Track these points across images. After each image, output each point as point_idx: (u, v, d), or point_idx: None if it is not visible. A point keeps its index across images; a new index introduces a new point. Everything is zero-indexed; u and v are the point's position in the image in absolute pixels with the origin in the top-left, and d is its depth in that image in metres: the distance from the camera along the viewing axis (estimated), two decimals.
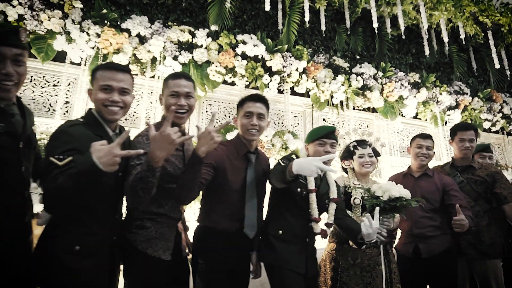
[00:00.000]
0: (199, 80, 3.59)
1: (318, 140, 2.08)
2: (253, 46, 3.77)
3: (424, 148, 2.52)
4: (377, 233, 1.91)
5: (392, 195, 1.92)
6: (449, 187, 2.41)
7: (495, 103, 5.11)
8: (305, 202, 1.96)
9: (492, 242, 2.45)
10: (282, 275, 1.84)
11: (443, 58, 5.23)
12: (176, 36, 3.53)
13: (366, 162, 2.32)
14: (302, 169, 1.60)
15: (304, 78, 3.98)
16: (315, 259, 2.07)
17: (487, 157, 2.94)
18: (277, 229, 1.95)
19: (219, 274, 1.75)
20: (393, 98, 4.39)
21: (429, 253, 2.31)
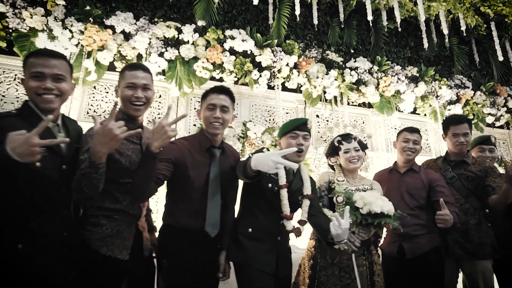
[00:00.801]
0: (185, 76, 3.52)
1: (290, 133, 1.99)
2: (241, 41, 3.69)
3: (411, 142, 2.40)
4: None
5: (372, 210, 1.79)
6: (435, 182, 2.28)
7: (499, 97, 4.91)
8: (276, 198, 1.87)
9: (481, 242, 2.30)
10: (249, 275, 1.75)
11: (444, 51, 5.05)
12: (162, 32, 3.47)
13: (353, 157, 2.21)
14: (259, 164, 1.52)
15: (295, 73, 3.87)
16: (288, 259, 1.96)
17: (487, 150, 2.69)
18: (247, 227, 1.86)
19: (182, 275, 1.67)
20: (390, 92, 4.25)
21: (414, 253, 2.19)
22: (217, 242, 1.81)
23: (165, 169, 1.65)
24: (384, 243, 2.36)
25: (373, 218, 1.78)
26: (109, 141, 1.35)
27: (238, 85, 3.81)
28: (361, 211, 1.81)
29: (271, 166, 1.50)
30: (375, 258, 2.10)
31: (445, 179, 2.43)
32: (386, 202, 1.84)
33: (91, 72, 3.21)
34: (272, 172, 1.56)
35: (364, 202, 1.81)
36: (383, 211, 1.79)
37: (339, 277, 1.98)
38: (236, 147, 3.45)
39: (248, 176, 1.61)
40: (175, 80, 3.47)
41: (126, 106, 1.71)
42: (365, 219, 1.79)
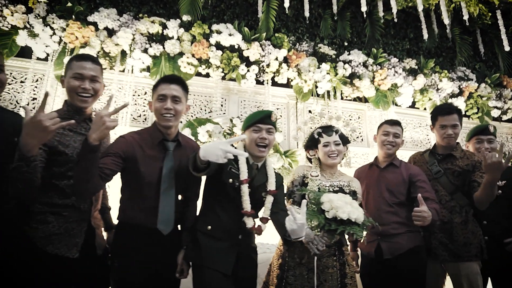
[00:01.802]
0: (170, 72, 3.45)
1: (253, 126, 1.88)
2: (228, 36, 3.60)
3: (391, 135, 2.25)
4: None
5: (338, 215, 1.64)
6: (416, 177, 2.13)
7: (506, 89, 4.66)
8: (238, 195, 1.77)
9: (467, 242, 2.12)
10: (204, 275, 1.66)
11: (446, 42, 4.83)
12: (146, 27, 3.41)
13: (332, 152, 2.07)
14: (208, 154, 1.44)
15: (285, 68, 3.75)
16: (252, 259, 1.85)
17: (485, 141, 2.39)
18: (206, 224, 1.77)
19: (134, 275, 1.58)
20: (386, 86, 4.07)
21: (392, 253, 2.04)
22: (174, 240, 1.72)
23: (112, 164, 1.58)
24: (362, 242, 2.23)
25: (338, 225, 1.63)
26: (38, 133, 1.29)
27: (226, 80, 3.72)
28: (327, 215, 1.67)
29: (219, 155, 1.43)
30: (348, 259, 1.97)
31: (431, 173, 2.27)
32: (356, 209, 1.68)
33: None
34: (221, 162, 1.45)
35: (331, 205, 1.67)
36: (350, 218, 1.64)
37: (307, 279, 1.86)
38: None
39: (198, 168, 1.52)
40: (159, 77, 3.40)
41: (71, 97, 1.66)
42: (328, 223, 1.65)
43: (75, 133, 1.62)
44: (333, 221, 1.64)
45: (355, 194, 2.03)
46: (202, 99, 3.71)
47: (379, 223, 2.10)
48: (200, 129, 3.33)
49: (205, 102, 3.71)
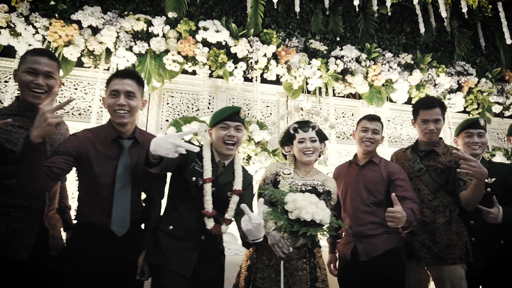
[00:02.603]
0: (155, 70, 3.40)
1: (221, 123, 1.80)
2: (214, 32, 3.53)
3: (370, 131, 2.14)
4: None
5: (301, 216, 1.54)
6: (395, 175, 2.02)
7: (508, 83, 4.48)
8: (201, 194, 1.70)
9: (450, 244, 1.98)
10: (161, 277, 1.59)
11: (445, 36, 4.67)
12: (130, 25, 3.36)
13: (307, 149, 1.98)
14: (158, 148, 1.37)
15: (274, 64, 3.66)
16: (217, 261, 1.77)
17: (475, 135, 2.24)
18: (168, 223, 1.70)
19: (89, 277, 1.53)
20: (380, 82, 3.95)
21: (368, 255, 1.93)
22: (131, 241, 1.65)
23: (62, 163, 1.51)
24: (339, 243, 2.12)
25: (300, 226, 1.53)
26: None
27: (214, 78, 3.65)
28: (290, 215, 1.58)
29: (169, 149, 1.37)
30: (320, 262, 1.87)
31: (413, 171, 2.15)
32: (321, 210, 1.58)
33: None
34: (172, 156, 1.38)
35: (295, 205, 1.57)
36: (315, 219, 1.54)
37: (275, 281, 1.77)
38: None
39: (151, 164, 1.45)
40: (143, 75, 3.35)
41: (24, 92, 1.60)
42: (291, 225, 1.56)
43: (26, 130, 1.56)
44: (296, 222, 1.55)
45: (329, 194, 1.93)
46: (189, 97, 3.65)
47: (356, 224, 2.02)
48: (184, 128, 3.27)
49: (192, 100, 3.65)
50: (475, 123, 2.25)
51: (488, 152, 4.14)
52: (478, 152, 2.20)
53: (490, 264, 2.01)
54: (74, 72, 3.33)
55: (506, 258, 2.00)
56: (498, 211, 1.92)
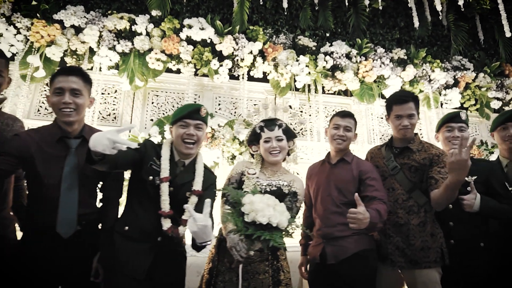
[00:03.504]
0: (139, 69, 3.36)
1: (180, 121, 1.74)
2: (199, 30, 3.47)
3: (342, 128, 2.04)
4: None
5: (257, 219, 1.47)
6: (366, 174, 1.92)
7: (508, 78, 4.31)
8: (158, 193, 1.64)
9: (424, 247, 1.86)
10: (113, 280, 1.53)
11: (441, 30, 4.52)
12: (113, 24, 3.33)
13: (273, 148, 1.91)
14: (96, 144, 1.32)
15: (260, 61, 3.59)
16: (176, 263, 1.70)
17: (456, 129, 2.10)
18: (124, 224, 1.64)
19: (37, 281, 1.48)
20: (371, 78, 3.84)
21: (336, 257, 1.83)
22: (83, 242, 1.60)
23: (4, 163, 1.47)
24: (310, 245, 2.04)
25: (256, 230, 1.46)
26: None
27: (200, 76, 3.60)
28: (246, 218, 1.50)
29: (106, 145, 1.31)
30: (284, 265, 1.78)
31: (388, 170, 2.04)
32: (279, 213, 1.51)
33: (38, 68, 3.14)
34: (109, 152, 1.32)
35: (251, 208, 1.50)
36: (271, 223, 1.47)
37: (236, 285, 1.69)
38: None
39: (92, 160, 1.40)
40: (127, 74, 3.31)
41: None
42: (246, 228, 1.48)
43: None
44: (252, 225, 1.48)
45: (295, 195, 1.85)
46: (174, 96, 3.61)
47: (325, 225, 1.93)
48: (167, 127, 3.22)
49: (178, 99, 3.60)
50: (456, 116, 2.12)
51: (487, 150, 3.99)
52: None
53: (468, 268, 1.88)
54: None
55: (485, 262, 1.88)
56: (475, 197, 1.79)
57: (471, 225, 1.91)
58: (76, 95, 1.62)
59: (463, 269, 1.88)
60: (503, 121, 2.15)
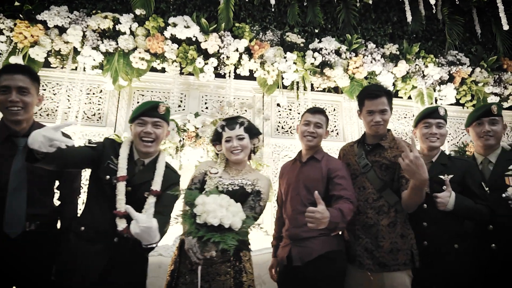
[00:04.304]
0: (123, 69, 3.33)
1: (138, 119, 1.70)
2: (184, 28, 3.43)
3: (312, 125, 1.97)
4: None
5: (208, 221, 1.41)
6: (334, 173, 1.84)
7: (506, 72, 4.16)
8: (115, 193, 1.60)
9: (394, 249, 1.76)
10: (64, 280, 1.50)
11: (437, 24, 4.39)
12: (96, 23, 3.32)
13: (234, 148, 1.86)
14: (33, 141, 1.29)
15: (246, 59, 3.53)
16: (134, 264, 1.66)
17: (433, 125, 1.99)
18: (80, 224, 1.61)
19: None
20: (361, 74, 3.75)
21: (302, 259, 1.76)
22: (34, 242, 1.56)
23: None
24: (280, 247, 1.97)
25: (207, 231, 1.40)
26: None
27: (186, 75, 3.56)
28: (198, 219, 1.45)
29: (41, 143, 1.28)
30: (246, 266, 1.72)
31: (359, 167, 1.95)
32: (232, 214, 1.45)
33: None
34: (46, 150, 1.28)
35: (203, 209, 1.44)
36: (223, 224, 1.41)
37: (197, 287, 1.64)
38: (175, 140, 3.21)
39: (33, 159, 1.36)
40: (110, 74, 3.30)
41: None
42: (197, 229, 1.43)
43: None
44: (204, 227, 1.42)
45: (258, 194, 1.79)
46: (160, 96, 3.58)
47: (293, 226, 1.87)
48: None
49: (164, 99, 3.57)
50: (433, 112, 2.02)
51: None
52: (436, 145, 1.98)
53: (441, 271, 1.77)
54: (41, 73, 3.32)
55: (459, 264, 1.78)
56: (449, 196, 1.70)
57: (446, 226, 1.81)
58: (24, 94, 1.59)
59: (436, 272, 1.78)
60: (479, 117, 2.05)
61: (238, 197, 1.73)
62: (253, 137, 1.93)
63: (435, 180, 1.84)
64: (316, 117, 1.99)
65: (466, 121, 2.17)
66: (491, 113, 2.03)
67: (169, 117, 1.86)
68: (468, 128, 2.15)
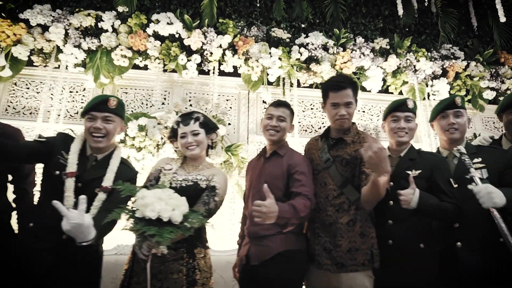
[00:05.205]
0: (105, 67, 3.32)
1: (88, 114, 1.67)
2: (166, 25, 3.40)
3: (275, 119, 1.90)
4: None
5: (146, 214, 1.36)
6: (294, 168, 1.76)
7: (503, 66, 4.00)
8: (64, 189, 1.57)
9: (352, 248, 1.67)
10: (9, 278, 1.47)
11: (431, 17, 4.26)
12: (79, 21, 3.31)
13: (189, 143, 1.82)
14: None
15: (230, 55, 3.48)
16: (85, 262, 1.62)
17: (402, 119, 1.89)
18: (29, 220, 1.58)
19: None
20: (349, 70, 3.65)
21: (259, 258, 1.69)
22: None
23: None
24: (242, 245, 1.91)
25: (146, 225, 1.35)
26: None
27: (169, 72, 3.53)
28: (137, 213, 1.40)
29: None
30: (201, 264, 1.67)
31: (321, 162, 1.86)
32: (171, 207, 1.39)
33: (4, 68, 3.16)
34: None
35: (142, 202, 1.39)
36: (162, 217, 1.35)
37: (151, 284, 1.59)
38: (155, 138, 3.18)
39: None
40: (91, 71, 3.29)
41: None
42: (136, 223, 1.38)
43: None
44: (142, 221, 1.37)
45: (213, 189, 1.73)
46: (143, 93, 3.56)
47: (252, 224, 1.80)
48: (130, 124, 3.17)
49: (147, 96, 3.54)
50: (402, 105, 1.92)
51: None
52: (405, 140, 1.89)
53: (406, 271, 1.67)
54: (25, 71, 3.33)
55: (424, 264, 1.68)
56: (413, 193, 1.60)
57: (412, 224, 1.72)
58: None
59: (400, 273, 1.68)
60: (443, 109, 1.95)
61: (192, 192, 1.69)
62: (209, 132, 1.89)
63: (402, 176, 1.76)
64: (279, 110, 1.92)
65: (430, 115, 2.07)
66: (456, 105, 1.93)
67: (124, 111, 1.82)
68: (433, 123, 2.05)
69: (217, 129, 1.95)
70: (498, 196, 1.50)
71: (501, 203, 1.50)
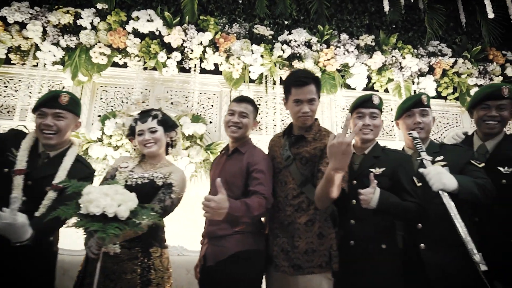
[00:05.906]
0: (84, 64, 3.28)
1: (38, 111, 1.63)
2: (146, 22, 3.36)
3: (237, 115, 1.85)
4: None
5: (90, 210, 1.32)
6: (253, 167, 1.71)
7: (492, 63, 3.93)
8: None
9: (309, 249, 1.62)
10: None
11: (418, 14, 4.19)
12: (57, 18, 3.27)
13: (146, 141, 1.79)
14: None
15: (210, 52, 3.43)
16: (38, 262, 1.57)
17: (367, 116, 1.84)
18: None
19: None
20: (333, 67, 3.60)
21: (214, 259, 1.65)
22: None
23: None
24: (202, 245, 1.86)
25: (89, 221, 1.31)
26: None
27: (150, 70, 3.49)
28: (81, 210, 1.36)
29: None
30: (156, 263, 1.62)
31: (282, 160, 1.80)
32: (117, 202, 1.35)
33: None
34: None
35: (87, 198, 1.35)
36: (107, 213, 1.32)
37: (104, 285, 1.56)
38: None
39: None
40: (70, 69, 3.25)
41: None
42: (80, 220, 1.34)
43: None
44: (87, 218, 1.33)
45: (170, 187, 1.70)
46: (124, 91, 3.51)
47: (210, 223, 1.76)
48: (108, 122, 3.13)
49: (127, 94, 3.50)
50: (367, 101, 1.86)
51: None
52: (369, 137, 1.82)
53: (367, 272, 1.60)
54: (2, 69, 3.30)
55: (386, 265, 1.62)
56: (373, 192, 1.54)
57: (374, 224, 1.66)
58: None
59: (361, 274, 1.62)
60: (409, 107, 1.89)
61: (148, 190, 1.65)
62: (168, 130, 1.85)
63: (366, 174, 1.70)
64: (241, 106, 1.87)
65: (396, 113, 2.02)
66: (422, 104, 1.87)
67: (78, 108, 1.78)
68: (398, 121, 2.00)
69: (176, 127, 1.91)
70: (448, 178, 1.46)
71: (451, 186, 1.46)
